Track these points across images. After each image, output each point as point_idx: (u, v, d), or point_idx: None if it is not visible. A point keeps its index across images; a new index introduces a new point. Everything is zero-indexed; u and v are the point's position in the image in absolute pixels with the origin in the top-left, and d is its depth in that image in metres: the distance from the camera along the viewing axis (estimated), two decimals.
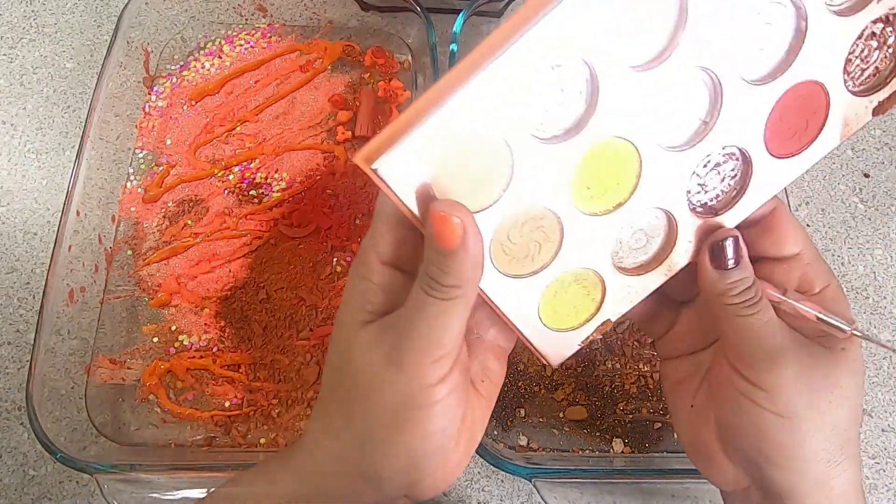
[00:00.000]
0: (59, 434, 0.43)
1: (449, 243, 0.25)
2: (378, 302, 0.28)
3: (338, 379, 0.29)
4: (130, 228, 0.54)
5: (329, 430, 0.29)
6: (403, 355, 0.26)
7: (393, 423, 0.27)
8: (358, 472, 0.28)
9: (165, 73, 0.60)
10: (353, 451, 0.28)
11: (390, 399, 0.27)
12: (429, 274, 0.26)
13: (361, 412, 0.27)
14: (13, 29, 0.63)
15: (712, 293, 0.32)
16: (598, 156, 0.29)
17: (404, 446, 0.27)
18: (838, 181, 0.60)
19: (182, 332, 0.51)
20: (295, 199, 0.55)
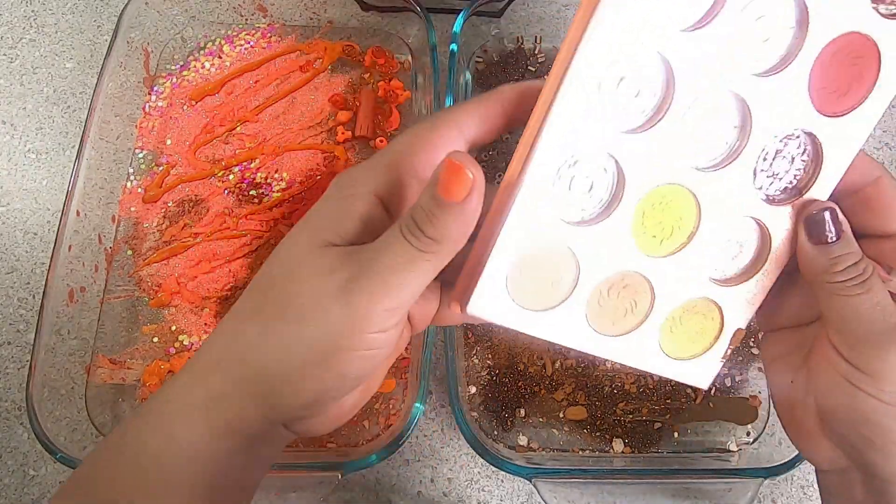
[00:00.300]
0: (59, 434, 0.43)
1: (452, 195, 0.23)
2: (352, 229, 0.26)
3: (270, 293, 0.26)
4: (130, 228, 0.54)
5: (234, 348, 0.27)
6: (357, 294, 0.24)
7: (318, 357, 0.25)
8: (252, 391, 0.26)
9: (165, 73, 0.60)
10: (259, 371, 0.26)
11: (326, 332, 0.25)
12: (414, 218, 0.24)
13: (286, 335, 0.25)
14: (13, 29, 0.63)
15: (813, 271, 0.30)
16: (648, 207, 0.29)
17: (319, 381, 0.26)
18: None
19: (182, 332, 0.51)
20: (295, 199, 0.55)
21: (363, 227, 0.26)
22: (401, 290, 0.25)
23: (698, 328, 0.33)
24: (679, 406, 0.49)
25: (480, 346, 0.50)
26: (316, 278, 0.25)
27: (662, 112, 0.27)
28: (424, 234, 0.24)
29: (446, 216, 0.24)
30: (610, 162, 0.28)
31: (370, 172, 0.27)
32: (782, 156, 0.31)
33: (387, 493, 0.47)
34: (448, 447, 0.49)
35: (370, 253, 0.25)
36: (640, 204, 0.29)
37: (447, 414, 0.50)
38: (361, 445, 0.46)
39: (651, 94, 0.27)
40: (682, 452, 0.48)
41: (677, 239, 0.31)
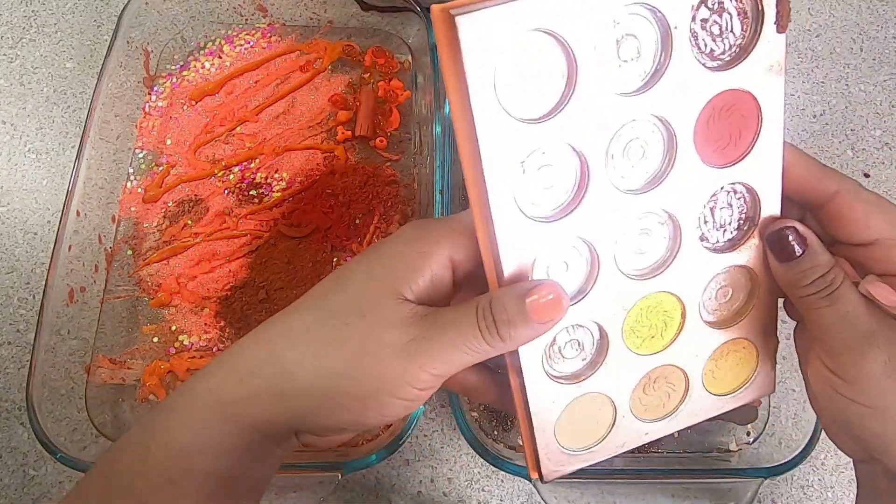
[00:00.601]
0: (59, 434, 0.43)
1: (540, 317, 0.26)
2: (423, 288, 0.28)
3: (334, 322, 0.28)
4: (130, 228, 0.54)
5: (281, 360, 0.28)
6: (419, 356, 0.27)
7: (365, 395, 0.27)
8: (288, 404, 0.28)
9: (165, 73, 0.60)
10: (304, 390, 0.28)
11: (380, 377, 0.27)
12: (495, 316, 0.27)
13: (340, 367, 0.27)
14: (13, 29, 0.63)
15: (785, 286, 0.31)
16: (634, 323, 0.32)
17: (358, 415, 0.28)
18: None
19: (182, 332, 0.51)
20: (295, 199, 0.55)
21: (433, 287, 0.28)
22: (457, 365, 0.27)
23: (737, 361, 0.35)
24: None
25: None
26: (389, 329, 0.27)
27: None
28: (498, 334, 0.26)
29: (524, 328, 0.27)
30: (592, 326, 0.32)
31: (451, 235, 0.28)
32: (719, 207, 0.31)
33: (387, 493, 0.47)
34: (448, 447, 0.49)
35: (441, 324, 0.27)
36: (626, 328, 0.32)
37: (447, 414, 0.50)
38: (361, 445, 0.46)
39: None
40: (682, 452, 0.48)
41: (671, 330, 0.33)
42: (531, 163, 0.26)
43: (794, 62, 0.66)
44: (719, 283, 0.33)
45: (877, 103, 0.64)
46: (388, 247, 0.29)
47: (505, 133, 0.25)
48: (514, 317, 0.26)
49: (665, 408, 0.35)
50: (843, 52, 0.66)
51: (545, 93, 0.26)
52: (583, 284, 0.30)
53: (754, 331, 0.35)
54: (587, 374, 0.32)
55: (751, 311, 0.34)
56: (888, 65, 0.66)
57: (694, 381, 0.35)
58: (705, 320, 0.34)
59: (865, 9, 0.69)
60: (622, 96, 0.27)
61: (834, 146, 0.62)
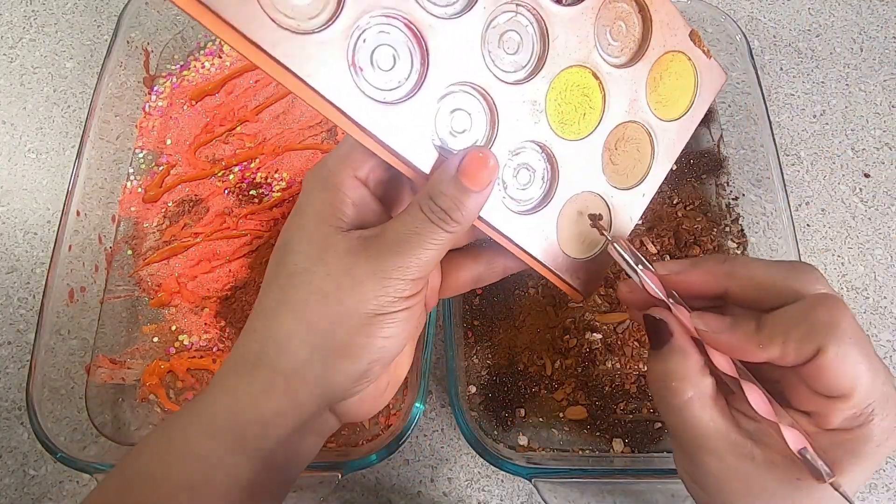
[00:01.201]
0: (59, 434, 0.43)
1: (477, 184, 0.27)
2: (350, 214, 0.29)
3: (296, 278, 0.28)
4: (130, 228, 0.54)
5: (272, 342, 0.28)
6: (390, 269, 0.27)
7: (362, 327, 0.28)
8: (304, 380, 0.28)
9: (165, 73, 0.60)
10: (304, 354, 0.28)
11: (366, 304, 0.28)
12: (438, 203, 0.27)
13: (328, 314, 0.28)
14: (13, 29, 0.63)
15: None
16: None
17: (366, 349, 0.28)
18: (838, 181, 0.60)
19: (182, 331, 0.51)
20: (295, 199, 0.55)
21: (356, 210, 0.29)
22: (427, 262, 0.28)
23: (674, 77, 0.37)
24: None
25: (480, 346, 0.50)
26: (348, 257, 0.28)
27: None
28: (452, 219, 0.28)
29: (471, 202, 0.28)
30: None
31: (341, 157, 0.29)
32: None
33: (387, 493, 0.47)
34: (448, 447, 0.49)
35: (395, 232, 0.28)
36: (555, 126, 0.33)
37: (447, 414, 0.50)
38: (361, 445, 0.46)
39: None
40: None
41: (595, 95, 0.34)
42: (361, 58, 0.27)
43: (794, 62, 0.66)
44: (606, 25, 0.34)
45: (877, 103, 0.64)
46: (302, 201, 0.30)
47: (311, 50, 0.25)
48: (457, 196, 0.27)
49: (641, 161, 0.36)
50: (843, 52, 0.66)
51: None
52: (489, 119, 0.31)
53: (664, 40, 0.35)
54: (553, 185, 0.33)
55: (652, 27, 0.34)
56: (888, 65, 0.66)
57: (649, 122, 0.35)
58: (618, 64, 0.34)
59: (865, 9, 0.69)
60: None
61: (834, 146, 0.62)
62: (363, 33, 0.27)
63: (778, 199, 0.51)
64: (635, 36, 0.35)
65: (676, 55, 0.36)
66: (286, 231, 0.30)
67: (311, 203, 0.29)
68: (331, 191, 0.29)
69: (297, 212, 0.30)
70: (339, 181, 0.29)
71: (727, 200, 0.57)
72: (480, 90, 0.30)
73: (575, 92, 0.33)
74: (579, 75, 0.33)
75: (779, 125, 0.62)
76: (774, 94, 0.64)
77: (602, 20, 0.33)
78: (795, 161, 0.61)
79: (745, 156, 0.56)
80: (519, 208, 0.33)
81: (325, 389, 0.29)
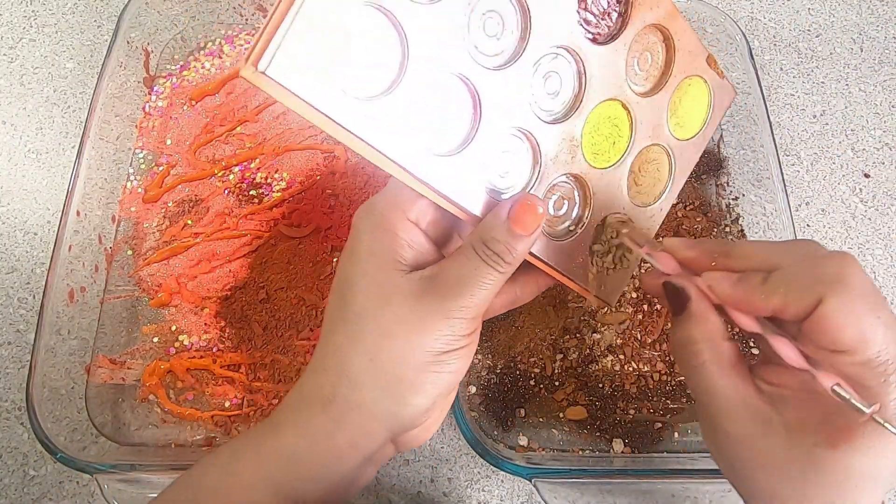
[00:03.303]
0: (59, 434, 0.43)
1: (525, 229, 0.29)
2: (408, 256, 0.30)
3: (365, 320, 0.30)
4: (130, 228, 0.54)
5: (344, 379, 0.30)
6: (452, 309, 0.29)
7: (429, 364, 0.29)
8: (375, 414, 0.30)
9: (165, 73, 0.60)
10: (375, 392, 0.29)
11: (433, 344, 0.29)
12: (492, 248, 0.29)
13: (396, 354, 0.29)
14: (13, 29, 0.63)
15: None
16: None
17: (433, 384, 0.30)
18: (838, 181, 0.60)
19: (182, 332, 0.51)
20: (295, 199, 0.55)
21: (413, 252, 0.30)
22: (483, 301, 0.30)
23: (691, 99, 0.39)
24: (679, 406, 0.49)
25: (480, 346, 0.50)
26: (412, 298, 0.29)
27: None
28: (504, 260, 0.29)
29: (521, 245, 0.29)
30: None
31: (393, 199, 0.30)
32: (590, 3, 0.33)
33: (387, 493, 0.47)
34: (448, 447, 0.49)
35: (453, 275, 0.29)
36: (589, 157, 0.34)
37: (447, 414, 0.50)
38: None
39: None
40: (682, 452, 0.48)
41: (623, 126, 0.36)
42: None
43: (794, 62, 0.66)
44: (634, 56, 0.35)
45: (877, 103, 0.64)
46: (356, 245, 0.31)
47: (376, 115, 0.26)
48: (508, 241, 0.29)
49: (661, 180, 0.38)
50: (843, 52, 0.66)
51: (382, 64, 0.26)
52: (532, 158, 0.32)
53: (686, 66, 0.37)
54: (586, 211, 0.35)
55: (675, 56, 0.36)
56: (888, 65, 0.66)
57: (670, 143, 0.37)
58: (642, 92, 0.36)
59: (865, 9, 0.69)
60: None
61: (834, 146, 0.62)
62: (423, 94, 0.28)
63: (778, 200, 0.52)
64: (659, 65, 0.37)
65: (694, 79, 0.38)
66: (345, 272, 0.31)
67: (367, 245, 0.30)
68: (387, 234, 0.30)
69: (353, 253, 0.31)
70: (392, 224, 0.30)
71: (727, 200, 0.57)
72: (526, 133, 0.32)
73: (606, 123, 0.35)
74: (611, 107, 0.35)
75: (779, 125, 0.62)
76: (774, 94, 0.64)
77: (631, 52, 0.35)
78: (795, 161, 0.61)
79: (745, 156, 0.56)
80: (556, 235, 0.34)
81: (394, 423, 0.30)
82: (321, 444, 0.30)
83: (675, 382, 0.49)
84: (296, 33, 0.23)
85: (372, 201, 0.31)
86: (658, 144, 0.37)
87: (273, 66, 0.23)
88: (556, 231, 0.35)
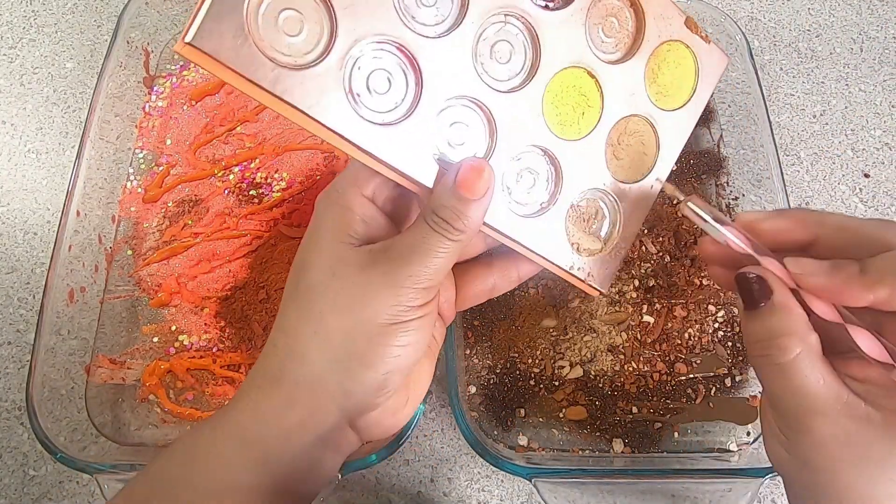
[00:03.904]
0: (59, 434, 0.43)
1: (474, 193, 0.28)
2: (360, 231, 0.30)
3: (313, 293, 0.30)
4: (130, 228, 0.54)
5: (294, 355, 0.29)
6: (401, 279, 0.28)
7: (377, 337, 0.29)
8: (325, 390, 0.29)
9: (165, 73, 0.60)
10: (324, 365, 0.29)
11: (380, 314, 0.29)
12: (440, 215, 0.29)
13: (344, 326, 0.29)
14: (13, 29, 0.63)
15: (743, 333, 0.29)
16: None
17: (382, 357, 0.29)
18: (838, 181, 0.60)
19: (182, 332, 0.51)
20: (295, 199, 0.55)
21: (365, 226, 0.30)
22: (436, 271, 0.29)
23: (672, 66, 0.37)
24: (679, 406, 0.49)
25: (480, 346, 0.50)
26: (360, 270, 0.29)
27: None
28: (455, 227, 0.29)
29: (472, 209, 0.29)
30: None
31: (350, 177, 0.31)
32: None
33: (387, 493, 0.47)
34: (448, 447, 0.49)
35: (403, 245, 0.29)
36: (553, 127, 0.33)
37: (447, 414, 0.50)
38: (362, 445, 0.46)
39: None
40: (682, 452, 0.48)
41: (592, 93, 0.34)
42: (357, 84, 0.28)
43: (794, 62, 0.66)
44: (597, 23, 0.34)
45: (877, 103, 0.64)
46: (315, 223, 0.31)
47: (303, 80, 0.26)
48: (457, 206, 0.29)
49: (648, 153, 0.36)
50: (843, 52, 0.66)
51: (310, 27, 0.27)
52: (487, 128, 0.32)
53: (659, 31, 0.35)
54: (558, 186, 0.34)
55: (645, 20, 0.35)
56: (888, 65, 0.66)
57: (651, 113, 0.35)
58: (612, 60, 0.34)
59: (865, 9, 0.69)
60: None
61: (834, 146, 0.62)
62: (357, 61, 0.28)
63: (778, 199, 0.52)
64: (629, 30, 0.35)
65: (673, 44, 0.36)
66: (301, 251, 0.31)
67: (323, 223, 0.31)
68: (340, 209, 0.30)
69: (311, 232, 0.31)
70: (347, 200, 0.30)
71: (727, 200, 0.57)
72: (476, 102, 0.31)
73: (571, 92, 0.34)
74: (575, 76, 0.33)
75: (779, 125, 0.62)
76: (774, 94, 0.64)
77: (592, 19, 0.34)
78: (795, 161, 0.61)
79: (745, 156, 0.56)
80: (525, 212, 0.33)
81: (345, 400, 0.29)
82: (270, 424, 0.29)
83: (675, 382, 0.49)
84: (216, 6, 0.24)
85: (334, 182, 0.32)
86: (638, 115, 0.36)
87: (197, 37, 0.24)
88: (528, 208, 0.34)
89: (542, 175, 0.34)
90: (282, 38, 0.26)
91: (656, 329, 0.50)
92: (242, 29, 0.25)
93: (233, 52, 0.25)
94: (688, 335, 0.50)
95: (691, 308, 0.51)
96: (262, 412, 0.29)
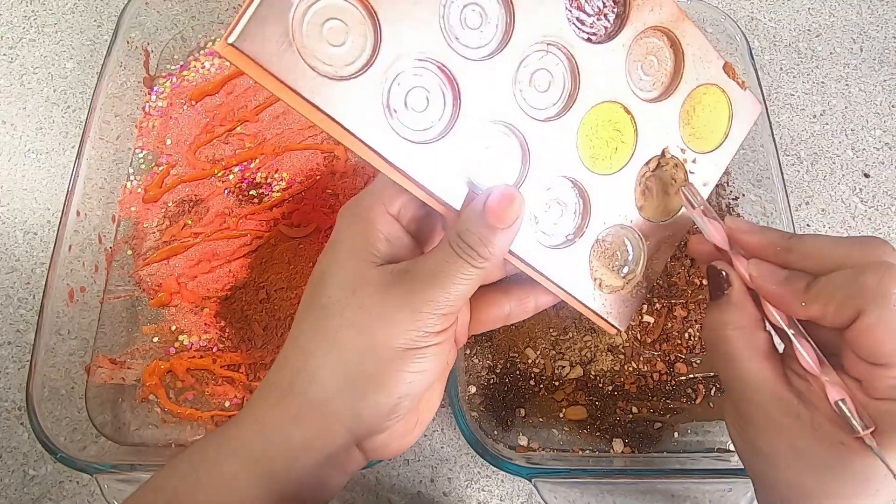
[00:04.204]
0: (59, 434, 0.43)
1: (503, 222, 0.28)
2: (383, 249, 0.30)
3: (330, 310, 0.29)
4: (130, 228, 0.54)
5: (304, 373, 0.29)
6: (421, 303, 0.28)
7: (392, 361, 0.28)
8: (334, 411, 0.28)
9: (165, 73, 0.60)
10: (335, 385, 0.28)
11: (397, 338, 0.28)
12: (466, 240, 0.28)
13: (359, 346, 0.28)
14: (13, 29, 0.63)
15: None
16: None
17: (396, 382, 0.28)
18: (838, 181, 0.60)
19: (182, 332, 0.51)
20: (295, 199, 0.55)
21: (389, 245, 0.30)
22: (457, 297, 0.28)
23: (707, 110, 0.37)
24: (679, 406, 0.49)
25: (480, 346, 0.50)
26: (380, 290, 0.28)
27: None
28: (479, 255, 0.28)
29: (498, 239, 0.28)
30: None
31: (376, 193, 0.30)
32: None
33: (387, 493, 0.47)
34: (448, 447, 0.49)
35: (425, 268, 0.28)
36: (586, 160, 0.34)
37: (447, 414, 0.50)
38: None
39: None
40: (682, 452, 0.48)
41: (627, 130, 0.34)
42: (395, 100, 0.28)
43: (794, 62, 0.66)
44: (638, 60, 0.34)
45: (877, 103, 0.64)
46: (335, 236, 0.31)
47: (349, 95, 0.26)
48: (484, 234, 0.28)
49: (675, 196, 0.36)
50: (843, 52, 0.67)
51: (354, 42, 0.27)
52: (521, 155, 0.31)
53: (698, 74, 0.35)
54: (585, 219, 0.33)
55: (684, 61, 0.35)
56: (888, 65, 0.66)
57: (685, 157, 0.36)
58: (649, 98, 0.34)
59: (865, 9, 0.69)
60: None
61: (834, 146, 0.62)
62: (397, 77, 0.28)
63: (778, 199, 0.52)
64: (667, 70, 0.35)
65: (710, 88, 0.36)
66: (320, 264, 0.30)
67: (345, 237, 0.30)
68: (364, 225, 0.30)
69: (331, 246, 0.30)
70: (371, 216, 0.30)
71: (727, 200, 0.57)
72: (512, 128, 0.31)
73: (606, 127, 0.34)
74: (611, 111, 0.34)
75: (779, 125, 0.62)
76: (774, 94, 0.64)
77: (633, 56, 0.34)
78: (795, 161, 0.61)
79: (745, 156, 0.56)
80: (551, 242, 0.33)
81: (355, 422, 0.29)
82: (275, 440, 0.29)
83: (675, 382, 0.49)
84: (263, 9, 0.24)
85: (358, 196, 0.31)
86: (671, 156, 0.36)
87: (240, 39, 0.24)
88: (553, 239, 0.34)
89: (570, 207, 0.34)
90: (325, 48, 0.26)
91: (656, 329, 0.50)
92: (287, 35, 0.25)
93: (275, 57, 0.24)
94: (688, 335, 0.50)
95: (691, 308, 0.51)
96: (269, 427, 0.29)
